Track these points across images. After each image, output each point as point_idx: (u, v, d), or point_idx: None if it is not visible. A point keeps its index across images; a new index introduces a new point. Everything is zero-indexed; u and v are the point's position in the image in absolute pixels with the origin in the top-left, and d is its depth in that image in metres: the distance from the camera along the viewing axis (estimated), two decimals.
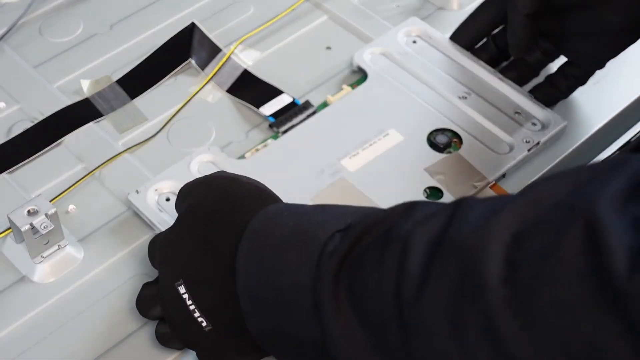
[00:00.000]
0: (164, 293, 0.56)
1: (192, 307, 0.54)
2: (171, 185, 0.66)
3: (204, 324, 0.54)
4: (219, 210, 0.55)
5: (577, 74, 0.70)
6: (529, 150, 0.68)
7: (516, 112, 0.70)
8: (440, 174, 0.66)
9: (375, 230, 0.48)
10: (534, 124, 0.70)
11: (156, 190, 0.66)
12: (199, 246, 0.55)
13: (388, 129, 0.69)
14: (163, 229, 0.63)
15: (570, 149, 0.71)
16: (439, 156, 0.68)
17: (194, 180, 0.60)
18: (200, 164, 0.68)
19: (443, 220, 0.45)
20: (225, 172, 0.61)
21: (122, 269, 0.64)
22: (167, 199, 0.66)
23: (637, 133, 0.75)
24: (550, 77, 0.71)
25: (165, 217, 0.65)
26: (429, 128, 0.69)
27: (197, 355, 0.57)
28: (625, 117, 0.75)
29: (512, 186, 0.68)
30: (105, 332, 0.60)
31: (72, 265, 0.64)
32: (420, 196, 0.65)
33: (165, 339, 0.58)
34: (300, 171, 0.67)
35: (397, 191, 0.65)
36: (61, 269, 0.63)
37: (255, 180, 0.58)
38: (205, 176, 0.60)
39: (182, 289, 0.54)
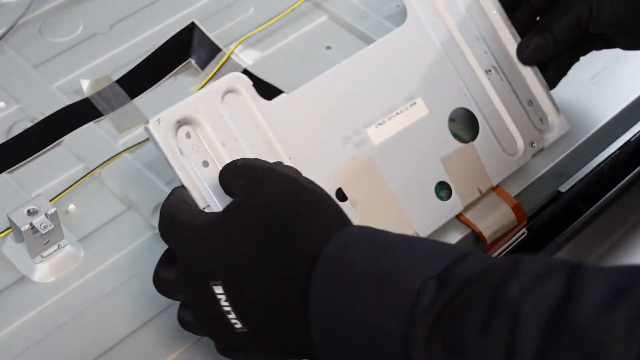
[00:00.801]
0: (190, 285, 0.52)
1: (227, 309, 0.51)
2: (195, 118, 0.58)
3: (238, 325, 0.51)
4: (287, 217, 0.51)
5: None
6: (532, 155, 0.68)
7: (529, 102, 0.68)
8: (453, 170, 0.65)
9: (477, 286, 0.44)
10: (541, 121, 0.68)
11: (178, 122, 0.58)
12: (255, 252, 0.50)
13: (416, 96, 0.65)
14: (180, 175, 0.57)
15: (570, 149, 0.71)
16: (456, 145, 0.66)
17: (253, 162, 0.55)
18: (230, 99, 0.60)
19: (557, 291, 0.41)
20: (285, 165, 0.56)
21: (122, 269, 0.64)
22: (188, 135, 0.58)
23: (637, 133, 0.75)
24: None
25: (185, 163, 0.57)
26: (452, 105, 0.66)
27: (216, 346, 0.55)
28: (625, 117, 0.75)
29: (511, 186, 0.68)
30: (105, 331, 0.60)
31: (72, 265, 0.64)
32: (431, 192, 0.64)
33: (187, 326, 0.55)
34: (327, 131, 0.62)
35: (411, 181, 0.64)
36: (61, 269, 0.63)
37: (319, 187, 0.54)
38: (268, 165, 0.55)
39: (218, 289, 0.51)
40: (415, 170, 0.64)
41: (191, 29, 0.79)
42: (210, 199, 0.57)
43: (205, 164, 0.58)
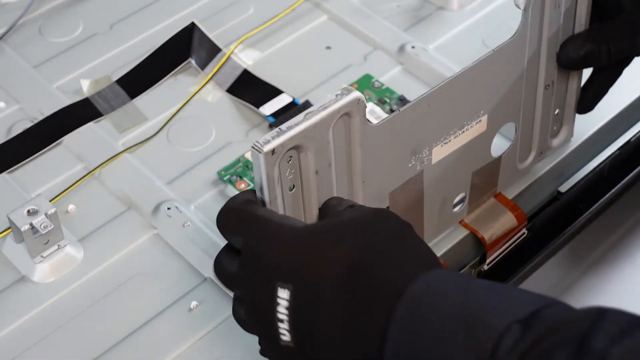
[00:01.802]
0: (250, 277, 0.50)
1: (280, 316, 0.49)
2: (305, 146, 0.52)
3: (285, 337, 0.49)
4: (378, 249, 0.49)
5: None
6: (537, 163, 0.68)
7: (557, 110, 0.67)
8: (475, 182, 0.64)
9: (562, 333, 0.43)
10: (555, 128, 0.68)
11: (282, 146, 0.51)
12: (340, 273, 0.48)
13: (484, 114, 0.61)
14: (269, 206, 0.52)
15: (570, 149, 0.71)
16: (489, 159, 0.64)
17: (361, 213, 0.52)
18: (339, 123, 0.53)
19: None
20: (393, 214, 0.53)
21: (122, 269, 0.64)
22: (289, 160, 0.52)
23: (637, 133, 0.75)
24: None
25: (277, 192, 0.52)
26: (505, 120, 0.63)
27: (260, 344, 0.53)
28: (625, 117, 0.75)
29: (511, 186, 0.68)
30: (105, 332, 0.60)
31: (72, 265, 0.64)
32: (450, 204, 0.63)
33: (240, 322, 0.53)
34: (403, 150, 0.58)
35: (441, 195, 0.62)
36: (61, 269, 0.63)
37: (423, 241, 0.52)
38: (383, 212, 0.53)
39: (282, 294, 0.48)
40: (449, 185, 0.63)
41: (191, 29, 0.79)
42: None
43: (292, 187, 0.54)
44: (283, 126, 0.51)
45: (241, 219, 0.52)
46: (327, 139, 0.53)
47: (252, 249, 0.50)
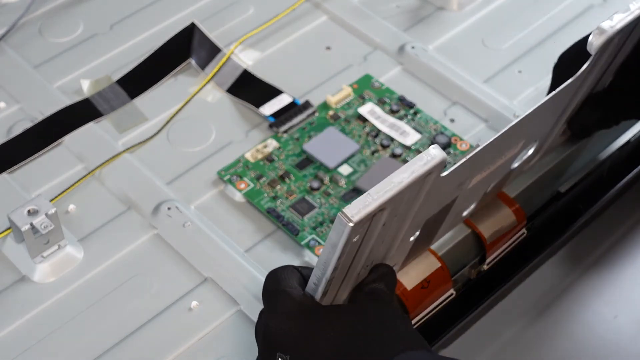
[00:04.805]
0: (260, 346, 0.55)
1: None
2: (385, 206, 0.49)
3: None
4: (364, 331, 0.52)
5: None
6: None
7: None
8: (488, 191, 0.64)
9: None
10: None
11: (370, 214, 0.47)
12: (329, 354, 0.52)
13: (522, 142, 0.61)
14: (330, 272, 0.51)
15: (571, 149, 0.71)
16: (507, 170, 0.64)
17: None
18: None
19: None
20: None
21: (122, 269, 0.64)
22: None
23: (637, 133, 0.75)
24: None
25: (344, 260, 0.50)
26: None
27: None
28: None
29: (511, 186, 0.68)
30: (105, 331, 0.60)
31: (72, 265, 0.64)
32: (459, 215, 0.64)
33: None
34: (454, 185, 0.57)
35: (460, 209, 0.62)
36: (61, 269, 0.63)
37: (404, 320, 0.54)
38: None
39: None
40: (469, 200, 0.62)
41: (191, 29, 0.79)
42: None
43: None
44: (372, 191, 0.48)
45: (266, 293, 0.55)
46: (405, 198, 0.50)
47: (263, 320, 0.54)
